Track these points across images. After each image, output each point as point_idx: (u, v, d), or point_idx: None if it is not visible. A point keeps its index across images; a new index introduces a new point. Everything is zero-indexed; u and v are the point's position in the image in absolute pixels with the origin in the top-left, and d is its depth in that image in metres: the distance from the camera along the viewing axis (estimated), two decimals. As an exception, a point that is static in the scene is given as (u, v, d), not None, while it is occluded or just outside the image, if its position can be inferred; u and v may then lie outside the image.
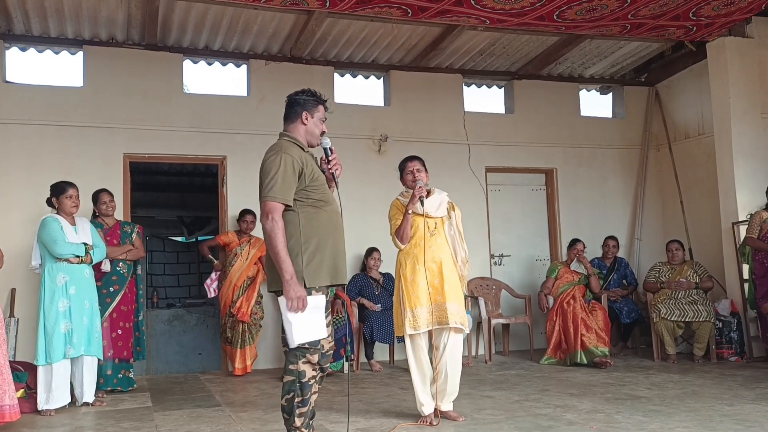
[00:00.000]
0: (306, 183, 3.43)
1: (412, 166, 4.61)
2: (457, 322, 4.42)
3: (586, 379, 5.95)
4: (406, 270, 4.50)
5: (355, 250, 7.28)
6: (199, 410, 5.02)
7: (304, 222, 3.41)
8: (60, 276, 5.11)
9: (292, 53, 7.52)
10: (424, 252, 4.47)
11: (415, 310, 4.41)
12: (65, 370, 5.10)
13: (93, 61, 6.97)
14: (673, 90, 8.79)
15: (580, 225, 8.47)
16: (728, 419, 4.24)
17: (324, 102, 3.64)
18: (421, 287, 4.42)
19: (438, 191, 4.66)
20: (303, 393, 3.37)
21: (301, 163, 3.42)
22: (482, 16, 6.33)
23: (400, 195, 4.68)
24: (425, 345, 4.49)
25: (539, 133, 8.50)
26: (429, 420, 4.37)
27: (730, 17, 6.80)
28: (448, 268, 4.50)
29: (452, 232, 4.62)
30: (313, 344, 3.36)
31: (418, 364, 4.47)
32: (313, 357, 3.38)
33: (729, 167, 7.20)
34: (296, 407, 3.37)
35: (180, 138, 7.13)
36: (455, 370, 4.48)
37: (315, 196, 3.46)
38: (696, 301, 6.92)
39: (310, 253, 3.38)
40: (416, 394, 4.45)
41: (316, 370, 3.42)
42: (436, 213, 4.56)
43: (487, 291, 7.85)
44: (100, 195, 5.89)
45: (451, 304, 4.42)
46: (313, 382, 3.42)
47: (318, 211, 3.45)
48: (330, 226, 3.48)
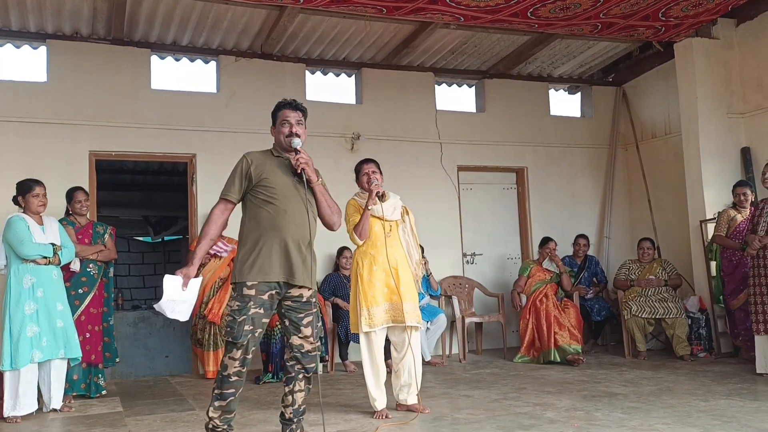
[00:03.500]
0: (253, 183, 3.64)
1: (368, 169, 4.80)
2: (413, 320, 4.63)
3: (561, 377, 5.97)
4: (363, 270, 4.68)
5: (327, 249, 7.21)
6: (173, 414, 4.89)
7: (247, 222, 3.67)
8: (27, 278, 4.93)
9: (263, 50, 7.41)
10: (380, 253, 4.65)
11: (371, 308, 4.61)
12: (33, 375, 4.91)
13: (57, 55, 6.76)
14: (640, 90, 8.91)
15: (551, 223, 8.52)
16: (705, 415, 4.29)
17: (285, 105, 3.80)
18: (377, 287, 4.61)
19: (393, 195, 4.87)
20: (222, 386, 3.51)
21: (249, 163, 3.65)
22: (456, 13, 6.32)
23: (356, 195, 4.85)
24: (381, 343, 4.69)
25: (510, 132, 8.54)
26: (384, 414, 4.54)
27: (697, 18, 6.92)
28: (403, 269, 4.72)
29: (406, 236, 4.85)
30: (235, 338, 3.48)
31: (373, 361, 4.64)
32: (236, 353, 3.50)
33: (696, 166, 7.31)
34: (215, 398, 3.54)
35: (148, 135, 6.96)
36: (418, 366, 4.70)
37: (262, 196, 3.62)
38: (666, 298, 7.00)
39: (246, 251, 3.59)
40: (369, 390, 4.63)
41: (240, 368, 3.53)
42: (391, 216, 4.77)
43: (460, 290, 7.84)
44: (75, 193, 5.69)
45: (407, 303, 4.64)
46: (237, 380, 3.53)
47: (260, 211, 3.62)
48: (271, 225, 3.60)
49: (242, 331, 3.47)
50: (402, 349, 4.69)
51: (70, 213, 5.71)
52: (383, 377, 4.67)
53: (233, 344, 3.49)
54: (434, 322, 6.99)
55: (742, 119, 7.47)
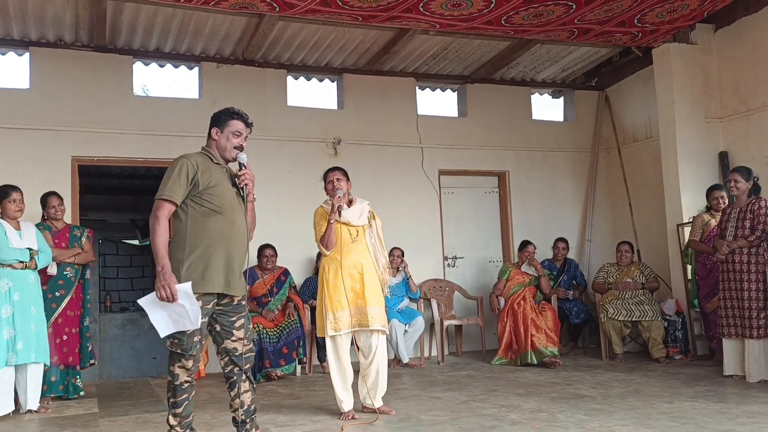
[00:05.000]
0: (200, 189, 3.53)
1: (333, 176, 4.86)
2: (378, 324, 4.71)
3: (534, 379, 6.05)
4: (329, 275, 4.74)
5: (307, 253, 7.30)
6: (146, 416, 4.98)
7: (191, 230, 3.53)
8: (3, 282, 5.01)
9: (245, 56, 7.50)
10: (346, 258, 4.72)
11: (336, 313, 4.68)
12: (9, 377, 5.00)
13: (40, 62, 6.85)
14: (622, 94, 8.99)
15: (532, 227, 8.59)
16: (665, 416, 4.36)
17: (239, 116, 3.74)
18: (342, 291, 4.68)
19: (360, 200, 4.92)
20: (176, 395, 3.55)
21: (195, 167, 3.54)
22: (432, 21, 6.42)
23: (324, 203, 4.90)
24: (347, 346, 4.75)
25: (492, 136, 8.61)
26: (351, 415, 4.63)
27: (673, 24, 7.00)
28: (369, 273, 4.77)
29: (373, 240, 4.89)
30: (185, 350, 3.48)
31: (339, 364, 4.72)
32: (187, 363, 3.52)
33: (674, 170, 7.38)
34: (171, 407, 3.57)
35: (130, 141, 7.05)
36: (384, 369, 4.79)
37: (209, 205, 3.55)
38: (642, 301, 7.08)
39: (192, 260, 3.49)
40: (336, 392, 4.71)
41: (191, 376, 3.56)
42: (357, 222, 4.82)
43: (440, 293, 7.92)
44: (48, 198, 5.76)
45: (372, 307, 4.69)
46: (188, 386, 3.57)
47: (207, 220, 3.54)
48: (219, 236, 3.56)
49: (192, 342, 3.50)
50: (369, 354, 4.76)
51: (45, 218, 5.78)
52: (350, 379, 4.75)
53: (181, 355, 3.49)
54: (412, 325, 7.08)
55: (719, 124, 7.53)
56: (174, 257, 3.47)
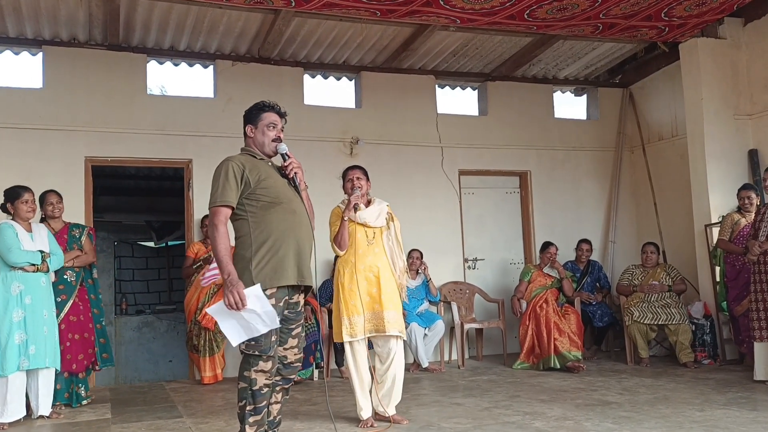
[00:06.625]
0: (252, 186, 3.42)
1: (353, 175, 4.70)
2: (395, 330, 4.52)
3: (558, 384, 5.86)
4: (344, 278, 4.58)
5: (324, 255, 7.08)
6: (159, 422, 4.86)
7: (255, 226, 3.41)
8: (15, 285, 4.91)
9: (260, 54, 7.37)
10: (361, 261, 4.54)
11: (352, 318, 4.51)
12: (21, 382, 4.90)
13: (53, 61, 6.77)
14: (647, 91, 8.76)
15: (555, 228, 8.39)
16: (698, 425, 4.17)
17: (271, 108, 3.65)
18: (358, 296, 4.50)
19: (378, 201, 4.74)
20: (255, 401, 3.36)
21: (242, 167, 3.43)
22: (452, 16, 6.24)
23: (341, 202, 4.73)
24: (364, 351, 4.59)
25: (513, 135, 8.42)
26: (370, 423, 4.47)
27: (702, 18, 6.77)
28: (386, 277, 4.58)
29: (390, 243, 4.71)
30: (264, 351, 3.32)
31: (357, 369, 4.56)
32: (265, 365, 3.35)
33: (702, 169, 7.16)
34: (248, 415, 3.38)
35: (144, 141, 6.95)
36: (401, 377, 4.62)
37: (266, 198, 3.43)
38: (669, 304, 6.86)
39: (261, 256, 3.36)
40: (357, 398, 4.55)
41: (270, 379, 3.39)
42: (375, 223, 4.65)
43: (461, 295, 7.75)
44: (46, 196, 5.51)
45: (389, 312, 4.52)
46: (267, 391, 3.40)
47: (268, 213, 3.43)
48: (284, 226, 3.43)
49: (270, 342, 3.35)
50: (386, 360, 4.59)
51: (44, 217, 5.54)
52: (368, 385, 4.60)
53: (259, 357, 3.33)
54: (432, 329, 6.91)
55: (749, 121, 7.30)
56: (241, 257, 3.37)
